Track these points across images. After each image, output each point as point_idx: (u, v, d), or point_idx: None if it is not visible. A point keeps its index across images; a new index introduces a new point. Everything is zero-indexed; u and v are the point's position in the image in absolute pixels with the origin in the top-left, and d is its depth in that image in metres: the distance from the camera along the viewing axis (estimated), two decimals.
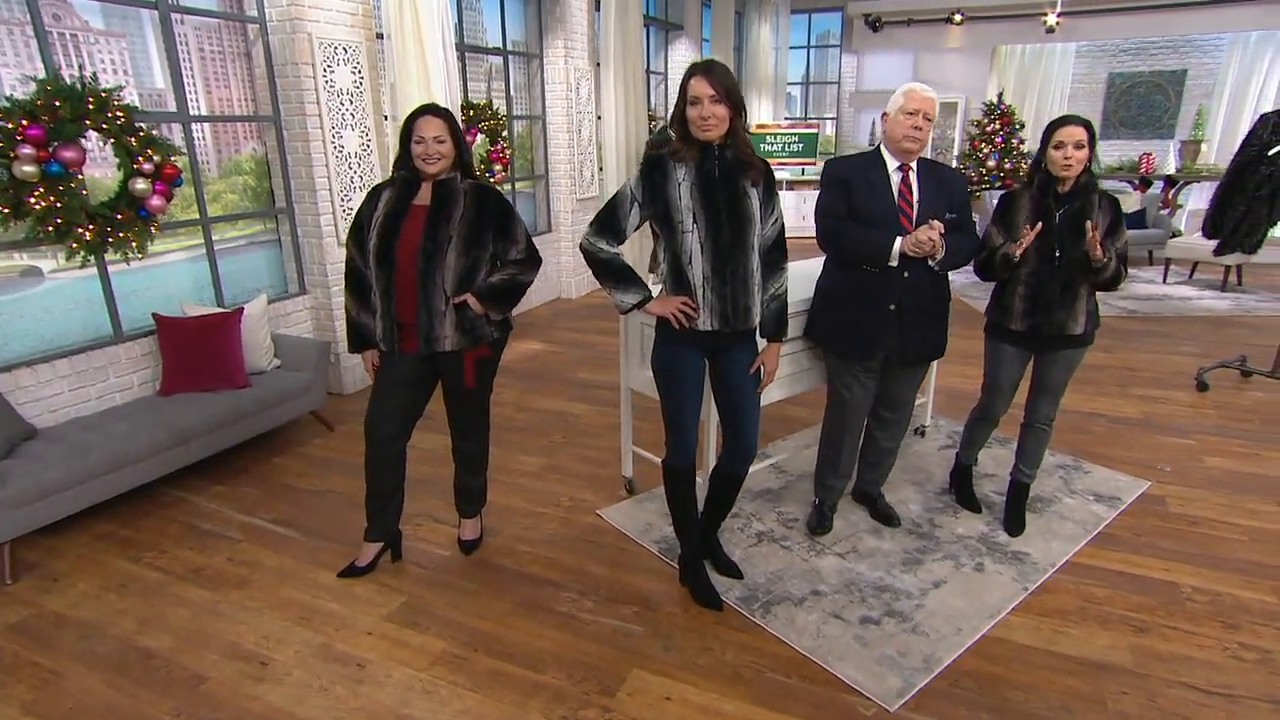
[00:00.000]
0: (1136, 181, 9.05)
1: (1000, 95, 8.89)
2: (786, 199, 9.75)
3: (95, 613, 2.60)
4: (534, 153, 7.12)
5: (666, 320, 2.25)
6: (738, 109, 2.14)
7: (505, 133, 6.15)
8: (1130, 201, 8.46)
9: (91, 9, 3.60)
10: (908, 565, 2.80)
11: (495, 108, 6.05)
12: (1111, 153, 9.74)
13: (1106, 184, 9.30)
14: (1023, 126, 9.12)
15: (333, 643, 2.39)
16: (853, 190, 2.59)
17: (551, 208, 7.22)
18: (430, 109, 2.42)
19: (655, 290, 2.37)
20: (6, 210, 3.07)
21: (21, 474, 2.86)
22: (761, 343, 2.42)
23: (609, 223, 2.25)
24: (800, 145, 10.51)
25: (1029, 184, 2.69)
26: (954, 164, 9.46)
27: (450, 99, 4.77)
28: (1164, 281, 7.54)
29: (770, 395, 3.04)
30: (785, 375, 3.09)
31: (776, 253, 2.35)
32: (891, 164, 2.57)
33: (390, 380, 2.57)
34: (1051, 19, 8.50)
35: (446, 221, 2.44)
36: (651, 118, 8.14)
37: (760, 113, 10.87)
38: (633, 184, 2.23)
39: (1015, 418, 3.06)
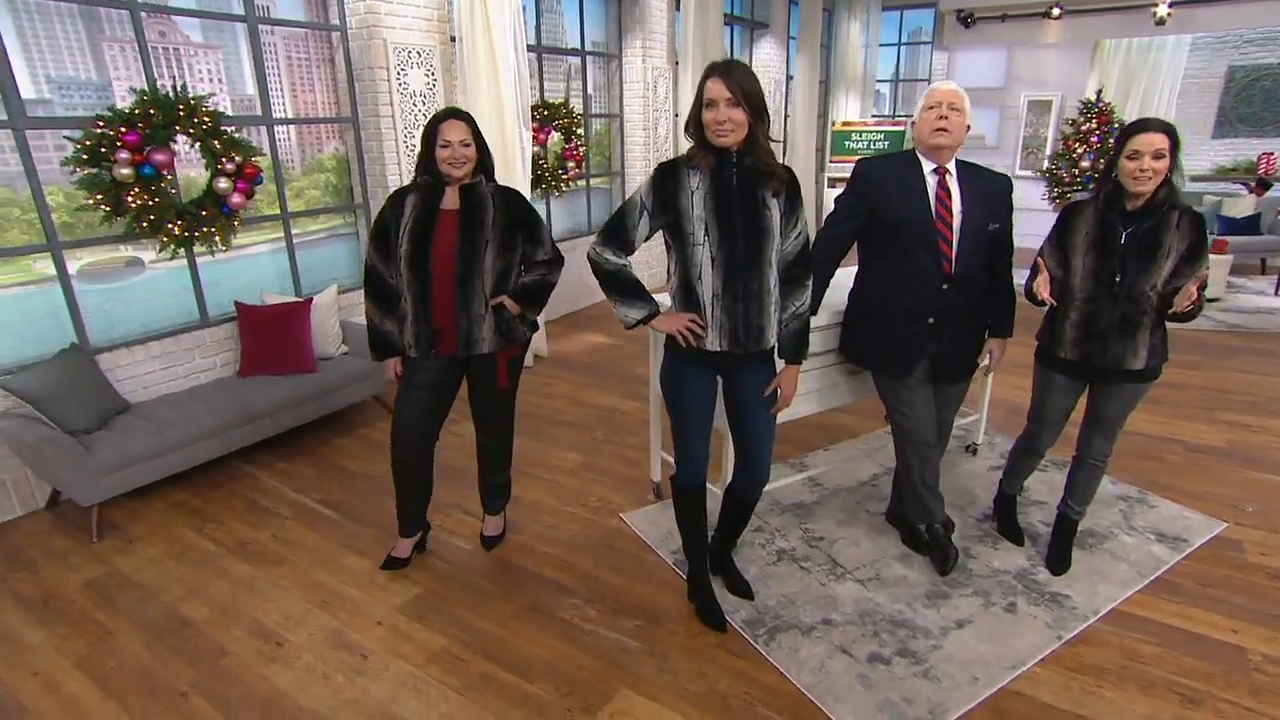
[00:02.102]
0: (1252, 183, 7.92)
1: (1099, 93, 7.95)
2: None
3: (154, 577, 2.69)
4: (611, 150, 6.97)
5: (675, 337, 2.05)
6: (758, 114, 1.88)
7: (580, 130, 6.03)
8: (1244, 205, 7.43)
9: (191, 24, 3.71)
10: (932, 599, 2.49)
11: (571, 106, 5.93)
12: (1225, 152, 8.58)
13: (1218, 187, 8.22)
14: (1122, 126, 8.15)
15: (345, 630, 2.36)
16: (887, 193, 2.28)
17: None
18: (453, 113, 2.29)
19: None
20: (108, 208, 3.22)
21: (110, 445, 3.00)
22: (780, 363, 2.17)
23: (617, 232, 2.03)
24: (886, 143, 9.84)
25: (1095, 196, 2.28)
26: (1045, 165, 8.58)
27: (520, 100, 4.66)
28: (1276, 293, 6.57)
29: (799, 410, 2.79)
30: (816, 390, 2.82)
31: (799, 268, 2.06)
32: (927, 166, 2.25)
33: (419, 384, 2.46)
34: (1163, 9, 7.51)
35: (481, 226, 2.33)
36: None
37: (847, 110, 10.26)
38: (643, 192, 2.00)
39: (1071, 436, 2.64)
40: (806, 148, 9.66)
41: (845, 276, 2.62)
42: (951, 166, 2.26)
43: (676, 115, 7.06)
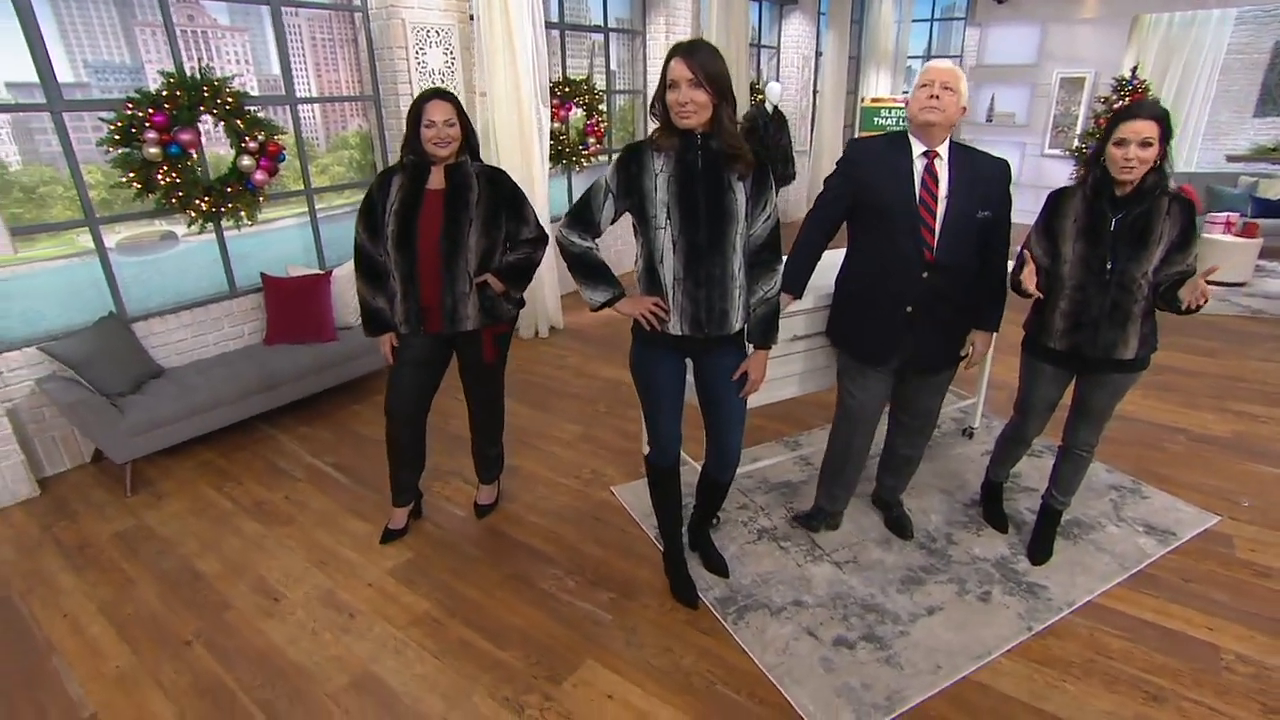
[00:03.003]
0: None
1: (1134, 69, 7.39)
2: None
3: (175, 531, 2.76)
4: (635, 126, 6.80)
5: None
6: (722, 95, 1.76)
7: (602, 107, 5.87)
8: (1278, 188, 6.89)
9: (219, 8, 3.69)
10: (906, 584, 2.40)
11: (593, 83, 5.77)
12: (1267, 131, 7.97)
13: (1255, 167, 7.64)
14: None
15: (337, 590, 2.39)
16: (871, 175, 2.13)
17: None
18: (437, 93, 2.22)
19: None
20: (140, 185, 3.25)
21: (141, 407, 3.07)
22: (749, 347, 2.07)
23: (582, 214, 1.94)
24: None
25: (1082, 181, 2.10)
26: (1075, 143, 8.08)
27: (538, 77, 4.54)
28: None
29: (782, 393, 2.69)
30: (799, 373, 2.71)
31: (767, 253, 1.95)
32: (917, 149, 2.08)
33: (410, 361, 2.44)
34: None
35: (466, 205, 2.28)
36: (755, 91, 7.52)
37: (877, 87, 9.81)
38: (609, 174, 1.91)
39: (1062, 420, 2.47)
40: (834, 124, 9.29)
41: (836, 258, 2.49)
42: (943, 150, 2.08)
43: None
